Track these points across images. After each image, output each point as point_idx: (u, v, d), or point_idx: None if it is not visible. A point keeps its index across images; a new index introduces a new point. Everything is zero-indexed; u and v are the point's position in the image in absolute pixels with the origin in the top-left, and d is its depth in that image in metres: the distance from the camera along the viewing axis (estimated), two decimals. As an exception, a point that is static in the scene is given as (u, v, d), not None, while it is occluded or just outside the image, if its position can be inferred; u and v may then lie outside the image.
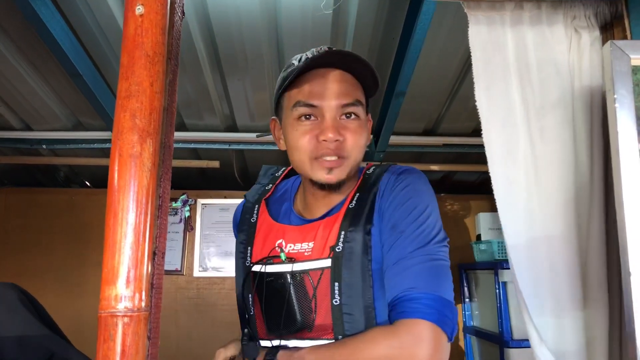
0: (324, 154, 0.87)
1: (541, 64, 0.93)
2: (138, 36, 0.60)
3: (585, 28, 0.95)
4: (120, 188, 0.56)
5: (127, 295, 0.54)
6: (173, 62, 0.69)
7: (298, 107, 0.88)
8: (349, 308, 0.85)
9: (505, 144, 0.94)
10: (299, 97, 0.88)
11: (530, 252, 0.93)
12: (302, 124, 0.89)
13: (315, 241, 0.91)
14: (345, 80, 0.89)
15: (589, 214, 0.90)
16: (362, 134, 0.90)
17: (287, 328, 0.89)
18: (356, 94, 0.90)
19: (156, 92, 0.60)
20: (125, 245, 0.55)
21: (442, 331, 0.77)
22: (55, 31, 1.53)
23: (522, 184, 0.94)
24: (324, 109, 0.87)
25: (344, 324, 0.85)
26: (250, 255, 0.97)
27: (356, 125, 0.89)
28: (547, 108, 0.93)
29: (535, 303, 0.92)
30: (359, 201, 0.92)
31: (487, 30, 0.94)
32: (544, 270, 0.93)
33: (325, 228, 0.91)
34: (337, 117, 0.88)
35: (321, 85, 0.88)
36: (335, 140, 0.86)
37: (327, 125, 0.86)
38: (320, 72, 0.89)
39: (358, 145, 0.89)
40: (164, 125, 0.66)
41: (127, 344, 0.53)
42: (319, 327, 0.88)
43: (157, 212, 0.63)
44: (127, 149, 0.57)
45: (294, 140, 0.89)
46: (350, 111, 0.88)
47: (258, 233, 0.98)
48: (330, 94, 0.87)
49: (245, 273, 0.96)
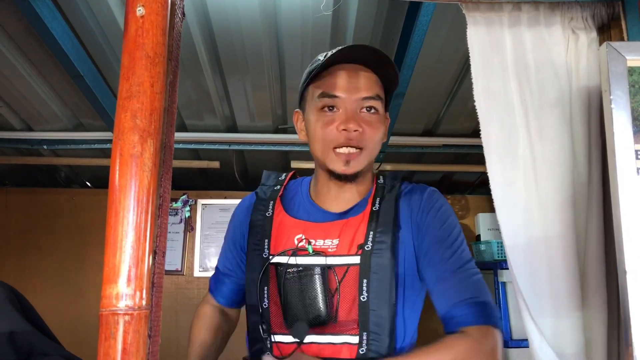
0: (342, 144, 0.92)
1: (539, 64, 0.94)
2: (139, 37, 0.60)
3: (582, 29, 0.96)
4: (121, 187, 0.57)
5: (128, 294, 0.54)
6: (173, 63, 0.70)
7: (322, 98, 0.94)
8: (376, 305, 0.89)
9: (503, 144, 0.95)
10: (323, 88, 0.94)
11: (529, 252, 0.93)
12: (324, 115, 0.94)
13: (341, 238, 0.94)
14: (367, 75, 0.95)
15: (587, 215, 0.90)
16: (380, 129, 0.96)
17: (309, 321, 0.89)
18: (376, 89, 0.95)
19: (157, 93, 0.61)
20: (126, 244, 0.55)
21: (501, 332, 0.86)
22: (57, 32, 1.54)
23: (520, 184, 0.94)
24: (346, 101, 0.92)
25: (369, 320, 0.88)
26: (268, 247, 0.97)
27: (375, 119, 0.94)
28: (545, 108, 0.93)
29: (534, 304, 0.92)
30: (383, 205, 0.97)
31: (485, 32, 0.94)
32: (543, 270, 0.93)
33: (350, 227, 0.95)
34: (358, 109, 0.93)
35: (344, 79, 0.93)
36: (355, 130, 0.91)
37: (348, 116, 0.91)
38: (344, 67, 0.94)
39: (375, 138, 0.95)
40: (165, 126, 0.66)
41: (128, 342, 0.53)
42: (342, 322, 0.90)
43: (158, 212, 0.63)
44: (128, 149, 0.58)
45: (316, 130, 0.94)
46: (370, 105, 0.94)
47: (275, 227, 0.99)
48: (352, 87, 0.93)
49: (262, 265, 0.96)
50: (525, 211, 0.93)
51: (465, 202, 3.26)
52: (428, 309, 0.96)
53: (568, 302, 0.94)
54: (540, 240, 0.91)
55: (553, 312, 0.93)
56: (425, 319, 1.00)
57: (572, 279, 0.93)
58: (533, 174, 0.93)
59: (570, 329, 0.93)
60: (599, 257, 0.88)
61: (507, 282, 2.50)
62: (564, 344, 0.91)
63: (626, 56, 0.70)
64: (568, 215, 0.91)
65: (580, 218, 0.91)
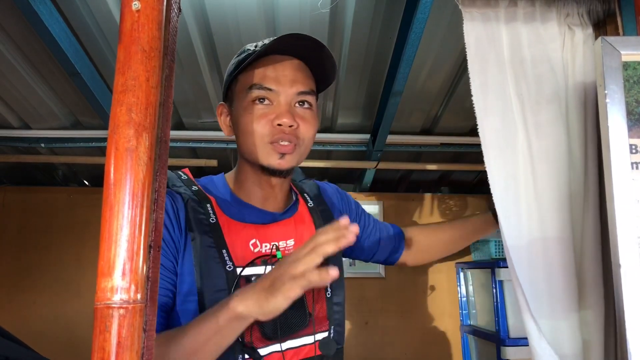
0: (278, 139, 0.87)
1: (535, 60, 0.94)
2: (134, 31, 0.61)
3: (578, 25, 0.96)
4: (116, 182, 0.57)
5: (122, 287, 0.54)
6: (169, 58, 0.70)
7: (254, 90, 0.88)
8: (338, 298, 0.94)
9: (501, 139, 0.95)
10: (255, 80, 0.88)
11: (528, 248, 0.93)
12: (257, 107, 0.88)
13: (296, 238, 0.94)
14: (301, 69, 0.91)
15: (583, 211, 0.90)
16: (314, 124, 0.92)
17: (294, 328, 0.87)
18: (311, 84, 0.92)
19: (152, 87, 0.61)
20: (121, 237, 0.55)
21: None
22: (54, 29, 1.54)
23: (519, 179, 0.94)
24: (280, 94, 0.88)
25: (334, 313, 0.93)
26: (230, 259, 0.86)
27: (309, 114, 0.91)
28: (542, 104, 0.94)
29: (533, 301, 0.92)
30: (315, 201, 1.05)
31: (482, 27, 0.95)
32: (540, 268, 0.93)
33: (299, 225, 0.97)
34: (292, 104, 0.89)
35: (278, 71, 0.88)
36: (290, 125, 0.87)
37: (283, 110, 0.87)
38: (276, 58, 0.89)
39: (309, 134, 0.91)
40: (160, 120, 0.66)
41: (123, 336, 0.53)
42: (318, 321, 0.90)
43: (153, 206, 0.63)
44: (123, 143, 0.58)
45: (248, 124, 0.88)
46: (304, 99, 0.90)
47: (225, 234, 0.89)
48: (287, 80, 0.88)
49: (229, 279, 0.85)
50: (524, 207, 0.93)
51: (463, 201, 3.26)
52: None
53: (565, 300, 0.94)
54: (537, 238, 0.91)
55: (550, 311, 0.93)
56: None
57: (568, 277, 0.93)
58: (531, 169, 0.93)
59: (567, 330, 0.92)
60: (595, 254, 0.89)
61: (504, 280, 2.50)
62: (562, 346, 0.91)
63: (621, 51, 0.71)
64: (565, 211, 0.91)
65: (577, 214, 0.92)
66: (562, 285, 0.93)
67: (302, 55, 0.91)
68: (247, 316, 0.71)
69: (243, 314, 0.70)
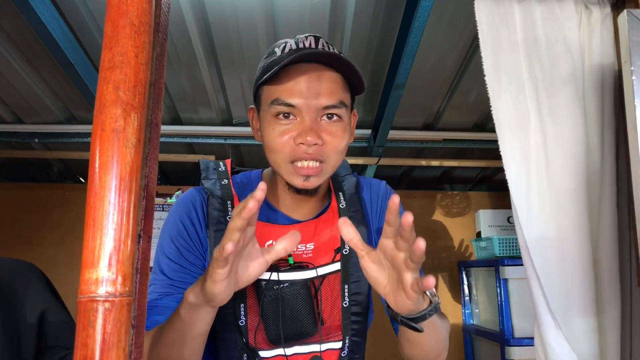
0: (300, 158, 0.81)
1: (550, 40, 0.89)
2: (122, 4, 0.56)
3: (596, 4, 0.91)
4: (102, 164, 0.52)
5: (108, 279, 0.49)
6: (161, 35, 0.65)
7: (276, 105, 0.81)
8: (358, 308, 0.88)
9: (514, 123, 0.90)
10: (278, 94, 0.81)
11: (541, 239, 0.88)
12: (279, 123, 0.81)
13: (316, 242, 0.88)
14: (329, 78, 0.82)
15: (599, 201, 0.86)
16: (344, 138, 0.84)
17: (299, 335, 0.84)
18: (339, 94, 0.83)
19: (141, 64, 0.56)
20: (107, 225, 0.51)
21: None
22: (46, 18, 1.49)
23: (532, 166, 0.89)
24: (303, 110, 0.80)
25: (351, 324, 0.87)
26: None
27: (337, 128, 0.83)
28: (557, 86, 0.89)
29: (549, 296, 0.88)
30: (349, 202, 0.93)
31: (494, 5, 0.89)
32: (554, 259, 0.89)
33: (322, 228, 0.90)
34: (318, 118, 0.81)
35: (302, 83, 0.80)
36: (314, 144, 0.79)
37: (306, 128, 0.80)
38: (303, 67, 0.81)
39: (338, 149, 0.83)
40: (151, 101, 0.62)
41: (108, 332, 0.49)
42: (328, 329, 0.87)
43: (143, 193, 0.58)
44: (109, 123, 0.53)
45: (271, 140, 0.82)
46: (332, 112, 0.82)
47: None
48: (311, 93, 0.80)
49: None
50: (536, 194, 0.88)
51: (465, 198, 3.21)
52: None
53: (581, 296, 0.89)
54: (552, 228, 0.86)
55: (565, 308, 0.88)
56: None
57: (585, 273, 0.89)
58: (544, 154, 0.88)
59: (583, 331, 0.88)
60: (612, 245, 0.84)
61: (509, 279, 2.46)
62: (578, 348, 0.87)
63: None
64: (582, 200, 0.86)
65: (594, 203, 0.87)
66: (577, 283, 0.88)
67: (330, 62, 0.83)
68: (198, 304, 0.69)
69: (194, 303, 0.69)
